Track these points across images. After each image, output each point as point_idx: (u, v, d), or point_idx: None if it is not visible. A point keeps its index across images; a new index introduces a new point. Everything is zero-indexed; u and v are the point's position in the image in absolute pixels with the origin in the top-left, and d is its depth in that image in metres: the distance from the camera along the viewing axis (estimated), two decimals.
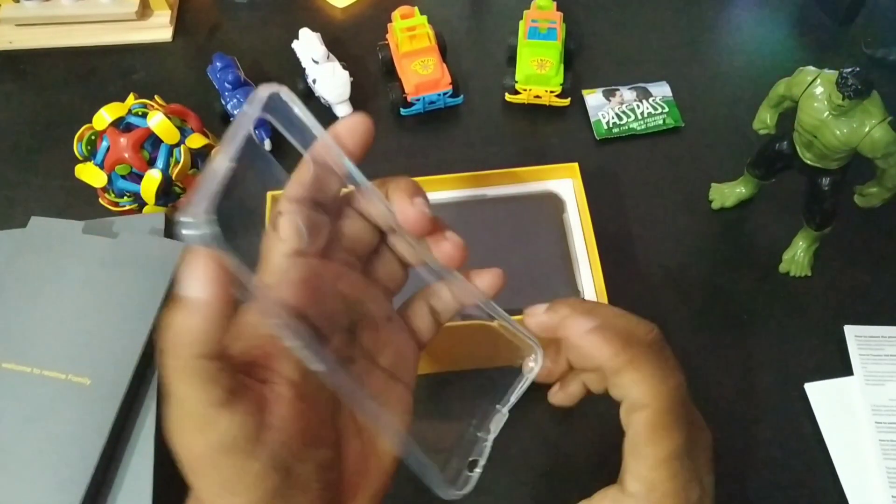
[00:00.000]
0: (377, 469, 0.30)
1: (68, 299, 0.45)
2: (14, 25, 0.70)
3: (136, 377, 0.43)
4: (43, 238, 0.47)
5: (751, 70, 0.67)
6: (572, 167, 0.52)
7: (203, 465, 0.24)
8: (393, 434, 0.28)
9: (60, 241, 0.47)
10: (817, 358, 0.52)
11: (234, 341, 0.25)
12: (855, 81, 0.42)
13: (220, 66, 0.62)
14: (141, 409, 0.43)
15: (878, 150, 0.44)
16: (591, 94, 0.65)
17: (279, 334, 0.24)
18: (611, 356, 0.28)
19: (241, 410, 0.23)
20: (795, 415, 0.50)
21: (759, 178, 0.55)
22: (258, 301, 0.24)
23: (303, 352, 0.24)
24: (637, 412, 0.28)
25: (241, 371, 0.24)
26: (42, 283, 0.46)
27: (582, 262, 0.48)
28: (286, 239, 0.27)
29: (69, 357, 0.43)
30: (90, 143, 0.56)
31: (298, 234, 0.27)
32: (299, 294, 0.26)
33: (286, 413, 0.24)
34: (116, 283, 0.45)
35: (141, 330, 0.44)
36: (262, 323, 0.26)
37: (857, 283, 0.55)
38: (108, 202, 0.56)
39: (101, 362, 0.43)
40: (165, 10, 0.71)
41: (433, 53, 0.63)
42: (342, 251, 0.29)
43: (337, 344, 0.28)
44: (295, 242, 0.27)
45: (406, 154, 0.63)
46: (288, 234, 0.27)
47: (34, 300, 0.45)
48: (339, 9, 0.73)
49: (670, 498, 0.28)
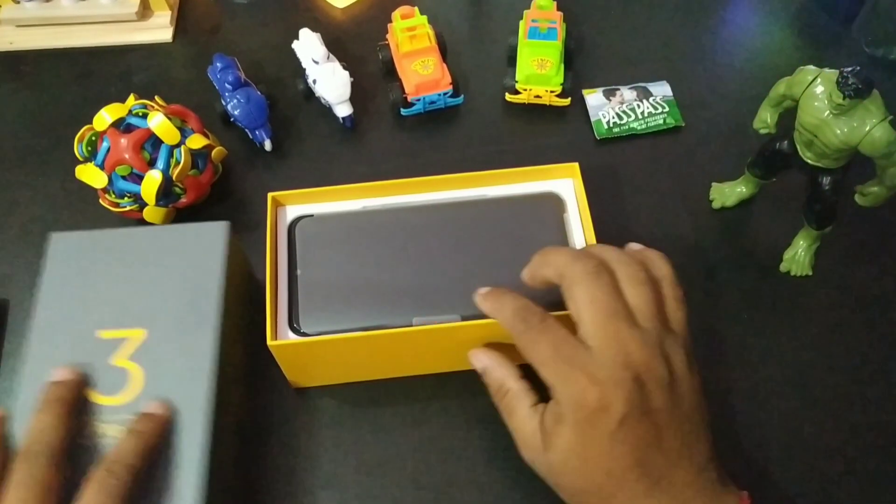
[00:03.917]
0: None
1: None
2: (14, 26, 0.70)
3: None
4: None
5: (751, 69, 0.67)
6: (572, 167, 0.51)
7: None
8: None
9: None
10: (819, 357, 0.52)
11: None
12: (855, 80, 0.42)
13: (220, 66, 0.62)
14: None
15: (878, 149, 0.44)
16: (592, 94, 0.65)
17: None
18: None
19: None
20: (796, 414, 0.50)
21: (759, 178, 0.55)
22: None
23: None
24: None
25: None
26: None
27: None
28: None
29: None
30: (90, 144, 0.56)
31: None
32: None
33: None
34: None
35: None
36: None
37: (858, 283, 0.55)
38: (108, 203, 0.56)
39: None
40: (166, 10, 0.71)
41: (433, 53, 0.63)
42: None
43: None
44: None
45: (406, 154, 0.63)
46: None
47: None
48: (339, 9, 0.73)
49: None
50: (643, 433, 0.37)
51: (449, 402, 0.50)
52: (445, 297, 0.47)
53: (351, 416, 0.50)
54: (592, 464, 0.37)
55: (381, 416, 0.50)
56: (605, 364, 0.37)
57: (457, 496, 0.47)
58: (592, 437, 0.37)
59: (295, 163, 0.62)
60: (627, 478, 0.37)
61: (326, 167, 0.62)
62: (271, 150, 0.62)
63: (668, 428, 0.37)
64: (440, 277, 0.47)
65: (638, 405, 0.36)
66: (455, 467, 0.48)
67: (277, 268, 0.48)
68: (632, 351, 0.37)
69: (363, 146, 0.63)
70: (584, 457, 0.37)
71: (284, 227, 0.50)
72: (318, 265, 0.48)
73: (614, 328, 0.38)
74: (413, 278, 0.48)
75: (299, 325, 0.46)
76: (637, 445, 0.37)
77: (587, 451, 0.37)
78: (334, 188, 0.51)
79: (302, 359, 0.47)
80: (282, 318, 0.47)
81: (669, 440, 0.37)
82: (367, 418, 0.50)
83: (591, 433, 0.37)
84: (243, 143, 0.63)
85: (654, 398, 0.37)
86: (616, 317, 0.38)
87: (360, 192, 0.51)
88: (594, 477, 0.37)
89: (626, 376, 0.37)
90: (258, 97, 0.61)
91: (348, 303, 0.47)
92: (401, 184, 0.51)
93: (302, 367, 0.48)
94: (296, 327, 0.46)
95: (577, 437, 0.37)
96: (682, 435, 0.38)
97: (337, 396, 0.51)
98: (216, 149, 0.58)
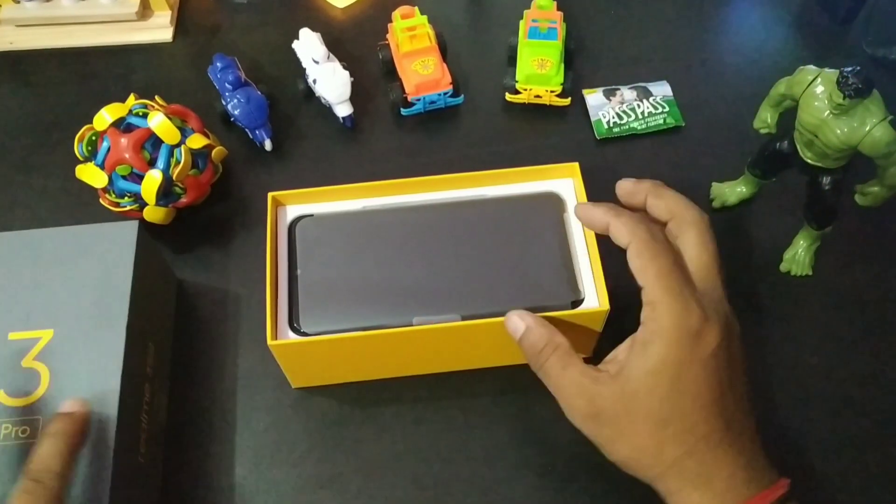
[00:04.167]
0: None
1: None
2: (14, 26, 0.70)
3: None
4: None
5: (751, 69, 0.67)
6: (573, 167, 0.51)
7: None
8: None
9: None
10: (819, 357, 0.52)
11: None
12: (855, 80, 0.42)
13: (220, 66, 0.62)
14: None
15: (878, 149, 0.44)
16: (592, 94, 0.65)
17: None
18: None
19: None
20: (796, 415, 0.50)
21: (759, 178, 0.55)
22: None
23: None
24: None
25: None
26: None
27: (583, 263, 0.48)
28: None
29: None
30: (91, 144, 0.56)
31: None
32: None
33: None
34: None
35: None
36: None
37: (859, 283, 0.55)
38: (108, 203, 0.56)
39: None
40: (166, 10, 0.71)
41: (433, 53, 0.63)
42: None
43: None
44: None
45: (406, 154, 0.63)
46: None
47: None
48: (340, 9, 0.73)
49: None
50: (726, 371, 0.38)
51: (449, 402, 0.50)
52: (446, 296, 0.47)
53: (351, 416, 0.50)
54: (683, 386, 0.37)
55: (381, 416, 0.50)
56: (710, 298, 0.39)
57: (457, 496, 0.47)
58: (688, 359, 0.37)
59: (295, 163, 0.62)
60: (711, 411, 0.37)
61: (326, 167, 0.62)
62: (271, 150, 0.62)
63: (738, 377, 0.39)
64: (440, 277, 0.47)
65: (726, 344, 0.38)
66: (455, 467, 0.48)
67: (278, 268, 0.48)
68: (724, 300, 0.40)
69: (363, 146, 0.63)
70: (677, 376, 0.37)
71: (284, 227, 0.50)
72: (318, 265, 0.48)
73: (717, 275, 0.41)
74: (413, 278, 0.48)
75: (299, 325, 0.46)
76: (721, 380, 0.38)
77: (680, 371, 0.37)
78: (334, 188, 0.51)
79: (302, 358, 0.47)
80: (282, 318, 0.47)
81: (739, 388, 0.39)
82: (367, 418, 0.50)
83: (688, 354, 0.37)
84: (243, 143, 0.63)
85: (734, 343, 0.39)
86: (719, 267, 0.41)
87: (360, 191, 0.51)
88: (681, 402, 0.37)
89: (722, 314, 0.39)
90: (258, 97, 0.61)
91: (348, 302, 0.47)
92: (401, 184, 0.51)
93: (302, 367, 0.48)
94: (296, 327, 0.46)
95: (674, 355, 0.37)
96: (744, 390, 0.39)
97: (337, 396, 0.51)
98: (216, 149, 0.58)
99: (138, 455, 0.44)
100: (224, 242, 0.58)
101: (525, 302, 0.45)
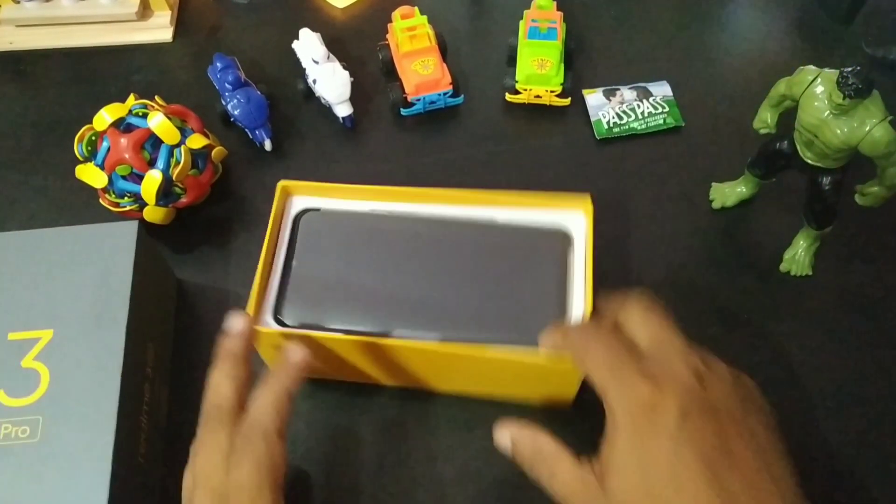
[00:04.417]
0: None
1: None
2: (14, 26, 0.70)
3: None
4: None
5: (751, 69, 0.67)
6: (585, 200, 0.48)
7: None
8: None
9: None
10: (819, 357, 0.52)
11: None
12: (855, 81, 0.42)
13: (220, 66, 0.62)
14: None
15: (878, 149, 0.44)
16: (592, 94, 0.65)
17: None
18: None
19: None
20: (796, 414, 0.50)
21: (759, 178, 0.55)
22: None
23: None
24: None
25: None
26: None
27: (577, 305, 0.46)
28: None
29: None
30: (91, 144, 0.56)
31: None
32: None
33: None
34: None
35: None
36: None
37: (859, 283, 0.55)
38: (108, 203, 0.56)
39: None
40: (165, 10, 0.71)
41: (433, 53, 0.63)
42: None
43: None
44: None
45: (406, 154, 0.62)
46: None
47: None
48: (339, 9, 0.73)
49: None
50: (709, 434, 0.32)
51: (449, 402, 0.50)
52: (431, 314, 0.46)
53: (350, 416, 0.50)
54: (654, 472, 0.32)
55: (381, 415, 0.50)
56: (660, 361, 0.35)
57: (457, 496, 0.47)
58: (651, 439, 0.32)
59: (295, 163, 0.62)
60: (700, 489, 0.31)
61: (326, 167, 0.62)
62: (271, 149, 0.62)
63: (738, 436, 0.32)
64: (431, 294, 0.46)
65: (698, 399, 0.33)
66: (455, 467, 0.48)
67: (275, 257, 0.48)
68: (688, 353, 0.35)
69: (363, 146, 0.63)
70: (644, 464, 0.32)
71: (289, 218, 0.50)
72: (314, 260, 0.48)
73: (670, 345, 0.36)
74: (404, 290, 0.47)
75: (281, 315, 0.46)
76: (703, 448, 0.32)
77: (647, 457, 0.32)
78: (345, 186, 0.50)
79: (277, 349, 0.47)
80: (267, 306, 0.46)
81: (741, 449, 0.32)
82: (367, 418, 0.50)
83: (649, 434, 0.32)
84: (243, 143, 0.63)
85: (716, 392, 0.33)
86: (671, 336, 0.36)
87: (372, 193, 0.50)
88: (659, 490, 0.31)
89: (682, 370, 0.34)
90: (258, 97, 0.61)
91: (334, 301, 0.46)
92: (413, 192, 0.50)
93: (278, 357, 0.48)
94: (278, 317, 0.46)
95: (635, 442, 0.32)
96: (756, 447, 0.33)
97: (337, 396, 0.51)
98: (216, 149, 0.58)
99: (138, 455, 0.44)
100: (224, 242, 0.58)
101: (509, 335, 0.44)
